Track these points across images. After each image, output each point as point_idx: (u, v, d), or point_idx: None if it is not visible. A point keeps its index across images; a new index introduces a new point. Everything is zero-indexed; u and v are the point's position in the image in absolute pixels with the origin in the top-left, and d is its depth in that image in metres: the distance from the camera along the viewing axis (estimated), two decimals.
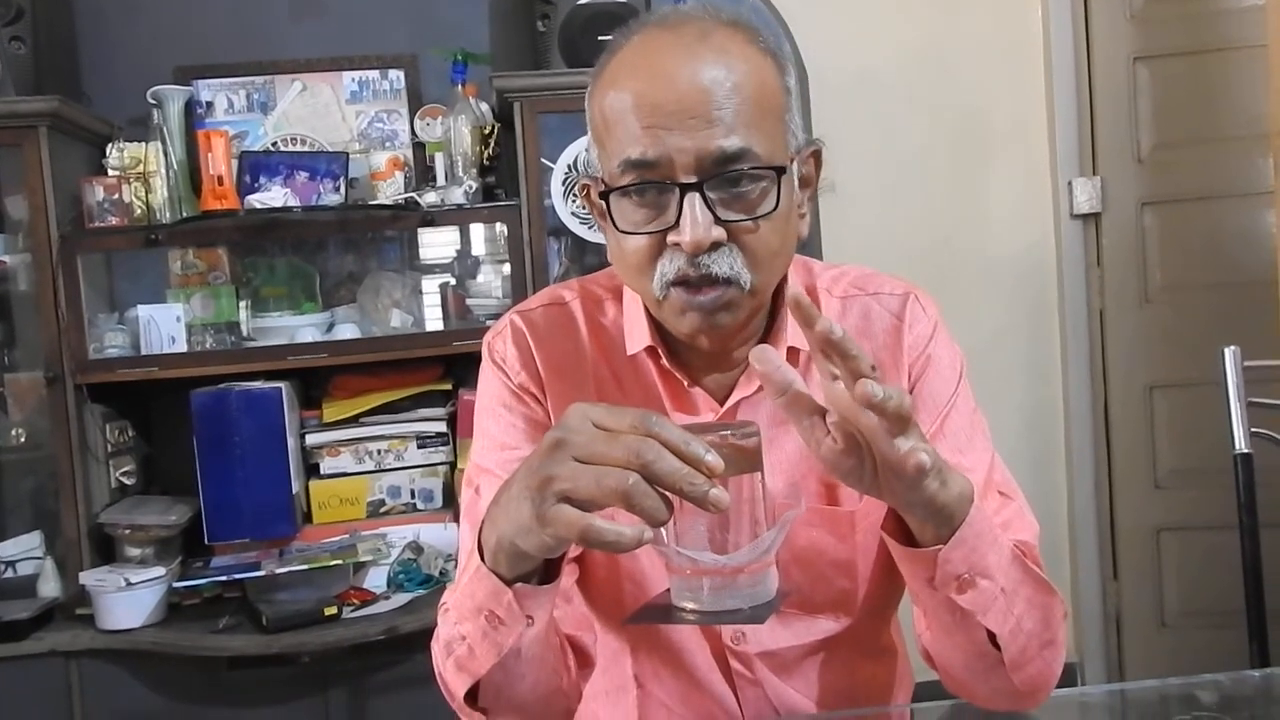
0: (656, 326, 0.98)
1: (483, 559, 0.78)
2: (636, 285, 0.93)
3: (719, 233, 0.86)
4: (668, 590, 0.76)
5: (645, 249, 0.89)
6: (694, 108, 0.85)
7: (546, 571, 0.80)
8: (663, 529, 0.67)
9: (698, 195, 0.85)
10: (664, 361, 0.98)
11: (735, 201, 0.87)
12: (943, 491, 0.77)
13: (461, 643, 0.81)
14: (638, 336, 0.99)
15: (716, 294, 0.87)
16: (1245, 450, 1.55)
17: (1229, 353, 1.57)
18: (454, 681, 0.84)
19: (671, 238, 0.87)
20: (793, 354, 0.98)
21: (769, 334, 0.98)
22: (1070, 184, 2.86)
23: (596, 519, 0.67)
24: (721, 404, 0.98)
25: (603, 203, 0.92)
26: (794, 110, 0.92)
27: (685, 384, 0.98)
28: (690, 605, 0.74)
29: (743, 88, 0.86)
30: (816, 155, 0.95)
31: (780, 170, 0.88)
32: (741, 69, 0.87)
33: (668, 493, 0.66)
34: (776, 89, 0.90)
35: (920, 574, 0.82)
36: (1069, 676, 2.94)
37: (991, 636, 0.86)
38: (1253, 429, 1.56)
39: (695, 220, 0.85)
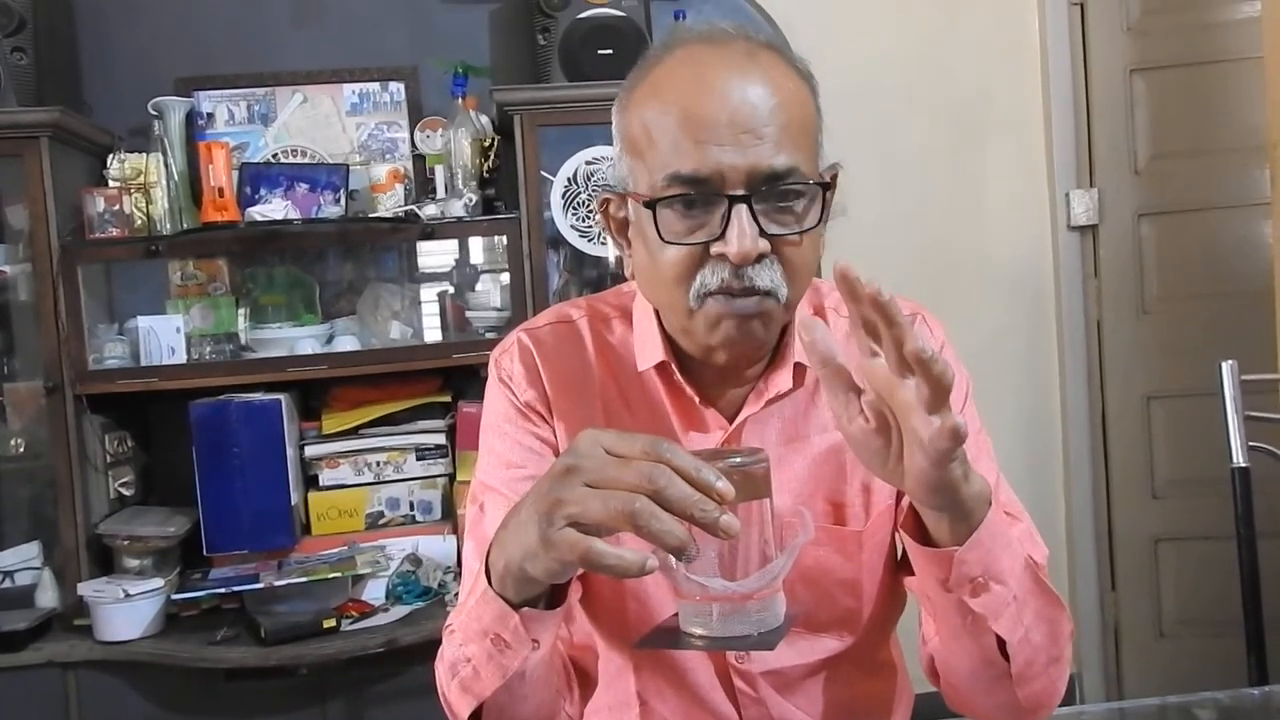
0: (668, 343, 0.98)
1: (490, 582, 0.78)
2: (668, 296, 0.92)
3: (764, 245, 0.87)
4: (676, 614, 0.77)
5: (685, 259, 0.88)
6: (745, 122, 0.85)
7: (553, 596, 0.80)
8: (670, 555, 0.67)
9: (745, 208, 0.86)
10: (676, 377, 0.98)
11: (780, 215, 0.88)
12: (964, 485, 0.77)
13: (466, 664, 0.82)
14: (649, 353, 0.99)
15: (756, 300, 0.88)
16: (1243, 464, 1.56)
17: (1226, 367, 1.58)
18: (458, 703, 0.84)
19: (716, 248, 0.87)
20: (799, 370, 0.99)
21: (777, 351, 0.99)
22: (1068, 195, 2.87)
23: (598, 542, 0.68)
24: (730, 421, 0.99)
25: (627, 217, 0.92)
26: (823, 133, 0.94)
27: (696, 401, 0.98)
28: (699, 631, 0.74)
29: (789, 107, 0.88)
30: (833, 179, 0.96)
31: (825, 186, 0.89)
32: (786, 89, 0.88)
33: (679, 519, 0.66)
34: (813, 112, 0.92)
35: (934, 574, 0.83)
36: (1068, 688, 2.94)
37: (1000, 645, 0.86)
38: (1250, 443, 1.57)
39: (743, 231, 0.85)
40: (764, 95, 0.86)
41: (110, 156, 2.33)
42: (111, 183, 2.30)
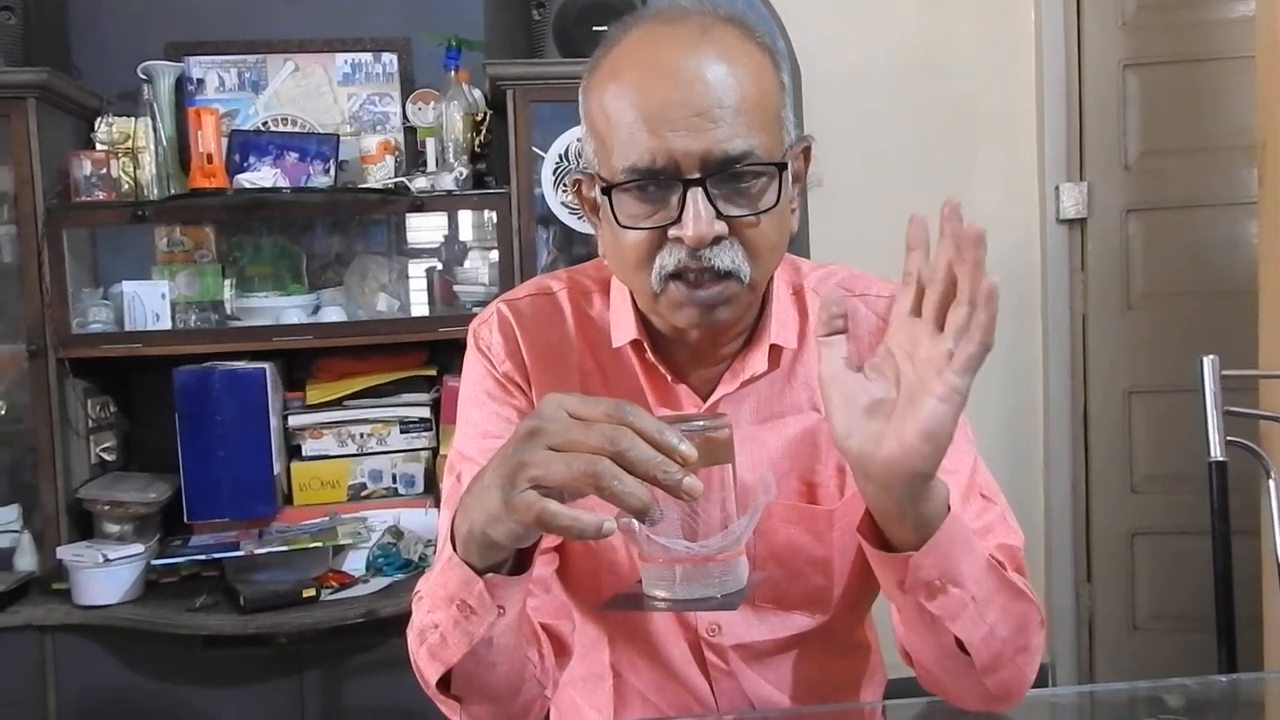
0: (642, 320, 0.98)
1: (455, 548, 0.78)
2: (632, 279, 0.93)
3: (721, 227, 0.86)
4: (641, 579, 0.77)
5: (645, 243, 0.88)
6: (698, 105, 0.85)
7: (519, 562, 0.80)
8: (633, 518, 0.68)
9: (700, 190, 0.85)
10: (649, 355, 0.98)
11: (737, 196, 0.87)
12: (933, 482, 0.77)
13: (434, 631, 0.82)
14: (624, 329, 0.99)
15: (719, 289, 0.88)
16: (1220, 458, 1.57)
17: (1207, 361, 1.59)
18: (427, 669, 0.85)
19: (673, 232, 0.87)
20: (775, 352, 0.99)
21: (755, 330, 0.99)
22: (1057, 188, 2.87)
23: (553, 503, 0.68)
24: (705, 400, 0.99)
25: (597, 198, 0.92)
26: (788, 106, 0.93)
27: (669, 379, 0.98)
28: (662, 593, 0.75)
29: (744, 85, 0.86)
30: (806, 151, 0.96)
31: (781, 166, 0.88)
32: (742, 65, 0.87)
33: (642, 481, 0.66)
34: (774, 86, 0.90)
35: (892, 577, 0.83)
36: (1040, 677, 2.96)
37: (962, 645, 0.86)
38: (1228, 437, 1.58)
39: (698, 215, 0.85)
40: (718, 74, 0.86)
41: (98, 120, 2.31)
42: (99, 146, 2.29)
